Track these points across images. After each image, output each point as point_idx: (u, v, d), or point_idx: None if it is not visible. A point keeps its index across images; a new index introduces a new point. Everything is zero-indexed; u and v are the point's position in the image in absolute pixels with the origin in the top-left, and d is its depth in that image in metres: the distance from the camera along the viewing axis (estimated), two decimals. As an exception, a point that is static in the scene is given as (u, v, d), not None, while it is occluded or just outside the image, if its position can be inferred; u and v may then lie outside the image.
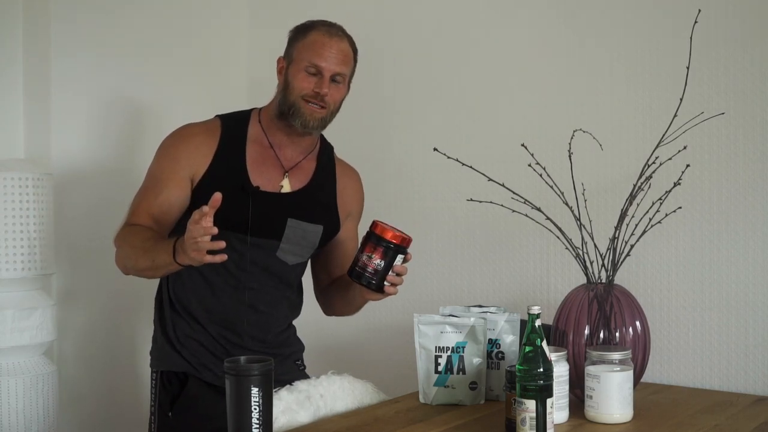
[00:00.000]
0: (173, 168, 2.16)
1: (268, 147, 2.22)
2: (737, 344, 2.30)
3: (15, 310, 2.97)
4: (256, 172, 2.18)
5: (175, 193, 2.15)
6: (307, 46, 2.16)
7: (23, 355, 3.00)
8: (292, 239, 2.20)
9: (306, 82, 2.14)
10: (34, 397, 3.00)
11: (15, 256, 2.97)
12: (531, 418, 1.72)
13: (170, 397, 2.21)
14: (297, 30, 2.22)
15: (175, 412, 2.19)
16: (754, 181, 2.28)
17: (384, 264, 2.01)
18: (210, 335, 2.20)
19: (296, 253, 2.23)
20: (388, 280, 2.02)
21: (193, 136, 2.21)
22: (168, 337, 2.23)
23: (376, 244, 2.00)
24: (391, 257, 2.01)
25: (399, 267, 2.03)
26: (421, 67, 2.77)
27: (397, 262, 2.02)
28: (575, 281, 2.27)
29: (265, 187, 2.17)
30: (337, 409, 2.09)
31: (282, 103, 2.18)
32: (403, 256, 2.03)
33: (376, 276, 2.01)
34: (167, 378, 2.22)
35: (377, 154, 2.84)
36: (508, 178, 2.33)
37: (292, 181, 2.23)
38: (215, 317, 2.19)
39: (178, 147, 2.19)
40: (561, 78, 2.54)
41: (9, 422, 2.94)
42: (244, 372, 1.69)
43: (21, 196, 2.99)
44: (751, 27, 2.28)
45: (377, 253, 2.00)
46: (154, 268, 2.05)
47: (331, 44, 2.16)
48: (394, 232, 2.01)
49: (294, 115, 2.16)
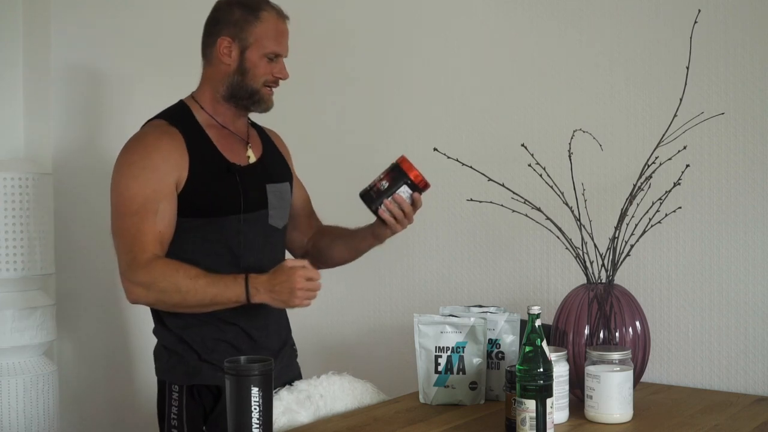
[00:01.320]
0: (158, 178, 2.08)
1: (221, 127, 2.22)
2: (737, 344, 2.30)
3: (15, 310, 2.97)
4: (227, 152, 2.19)
5: (170, 205, 2.10)
6: (264, 32, 2.16)
7: (23, 355, 3.01)
8: (276, 203, 2.24)
9: (267, 69, 2.17)
10: (34, 397, 3.00)
11: (15, 256, 2.98)
12: (531, 418, 1.72)
13: (202, 409, 2.14)
14: (243, 9, 2.16)
15: (210, 426, 2.13)
16: (754, 181, 2.28)
17: (387, 186, 2.10)
18: (240, 329, 2.16)
19: (282, 216, 2.27)
20: (385, 204, 2.10)
21: (158, 141, 2.12)
22: (194, 349, 2.15)
23: (390, 169, 2.12)
24: (396, 182, 2.10)
25: (399, 196, 2.10)
26: (421, 67, 2.77)
27: (402, 192, 2.10)
28: (575, 281, 2.27)
29: (241, 163, 2.20)
30: (337, 409, 2.09)
31: (238, 88, 2.17)
32: (410, 191, 2.11)
33: (378, 195, 2.11)
34: (197, 391, 2.15)
35: (377, 154, 2.84)
36: (508, 178, 2.33)
37: (254, 151, 2.27)
38: (239, 309, 2.11)
39: (152, 157, 2.09)
40: (561, 78, 2.54)
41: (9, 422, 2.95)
42: (244, 372, 1.69)
43: (21, 196, 3.00)
44: (751, 27, 2.28)
45: (387, 175, 2.12)
46: (212, 305, 2.06)
47: (284, 29, 2.20)
48: (410, 164, 2.11)
49: (257, 102, 2.19)
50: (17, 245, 2.99)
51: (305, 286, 1.98)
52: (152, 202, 2.07)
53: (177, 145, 2.12)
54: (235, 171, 2.16)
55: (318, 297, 2.48)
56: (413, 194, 2.13)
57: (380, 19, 2.85)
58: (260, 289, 2.02)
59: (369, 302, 2.85)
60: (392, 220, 2.13)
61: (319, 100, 2.88)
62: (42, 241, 3.05)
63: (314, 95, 2.89)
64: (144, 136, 2.16)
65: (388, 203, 2.11)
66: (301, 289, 1.98)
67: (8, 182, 2.98)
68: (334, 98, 2.92)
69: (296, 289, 1.98)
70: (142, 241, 2.06)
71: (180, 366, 2.16)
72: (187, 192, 2.11)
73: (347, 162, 2.84)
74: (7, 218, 2.97)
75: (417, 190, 2.13)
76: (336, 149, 2.87)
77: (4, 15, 3.30)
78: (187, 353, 2.15)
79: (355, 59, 2.90)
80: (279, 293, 2.00)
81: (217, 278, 2.04)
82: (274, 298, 2.01)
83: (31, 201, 3.03)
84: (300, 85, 2.50)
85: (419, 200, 2.14)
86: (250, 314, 2.14)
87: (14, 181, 2.99)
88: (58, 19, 3.34)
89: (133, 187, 2.09)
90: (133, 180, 2.09)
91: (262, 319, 2.19)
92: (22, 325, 2.99)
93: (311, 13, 2.31)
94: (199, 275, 2.04)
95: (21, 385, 2.97)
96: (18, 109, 3.36)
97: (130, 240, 2.07)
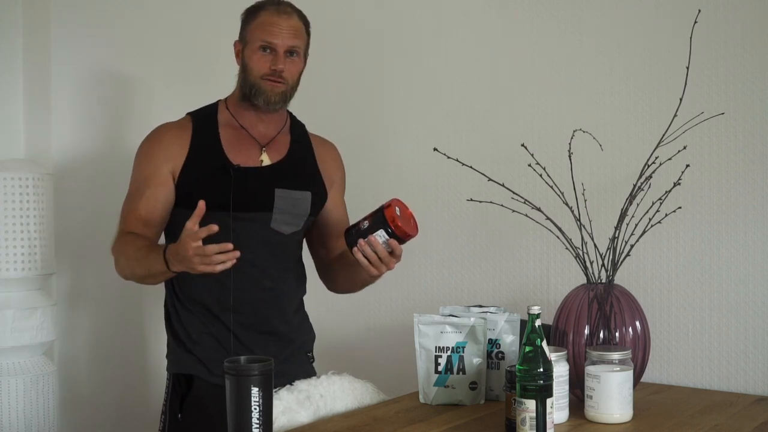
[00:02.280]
0: (152, 167, 2.23)
1: (239, 128, 2.28)
2: (737, 344, 2.30)
3: (15, 310, 2.97)
4: (233, 152, 2.24)
5: (159, 191, 2.21)
6: (258, 26, 2.23)
7: (23, 355, 3.00)
8: (283, 208, 2.25)
9: (262, 61, 2.21)
10: (34, 397, 3.00)
11: (15, 256, 2.98)
12: (531, 418, 1.72)
13: (180, 398, 2.24)
14: (247, 12, 2.28)
15: (184, 414, 2.22)
16: (754, 181, 2.28)
17: (367, 226, 2.06)
18: (224, 326, 2.22)
19: (290, 223, 2.27)
20: (359, 244, 2.06)
21: (165, 132, 2.28)
22: (180, 339, 2.25)
23: (374, 211, 2.07)
24: (375, 225, 2.05)
25: (374, 239, 2.05)
26: (421, 67, 2.77)
27: (378, 236, 2.05)
28: (575, 281, 2.27)
29: (246, 164, 2.23)
30: (337, 409, 2.09)
31: (243, 85, 2.26)
32: (387, 236, 2.04)
33: (356, 234, 2.07)
34: (177, 380, 2.25)
35: (377, 154, 2.84)
36: (508, 178, 2.33)
37: (271, 155, 2.28)
38: (226, 305, 2.21)
39: (153, 146, 2.26)
40: (561, 78, 2.54)
41: (9, 422, 2.95)
42: (244, 372, 1.69)
43: (21, 196, 2.99)
44: (751, 27, 2.28)
45: (370, 216, 2.07)
46: (151, 276, 2.15)
47: (280, 22, 2.22)
48: (394, 210, 2.05)
49: (256, 95, 2.23)
50: (17, 245, 2.99)
51: (197, 252, 1.94)
52: (143, 187, 2.22)
53: (180, 138, 2.25)
54: (231, 170, 2.19)
55: (318, 297, 2.49)
56: (389, 240, 2.04)
57: (380, 19, 2.85)
58: (172, 259, 2.04)
59: (369, 302, 2.85)
60: (365, 261, 2.07)
61: (319, 100, 2.88)
62: (42, 241, 3.05)
63: (314, 96, 2.89)
64: (159, 128, 2.32)
65: (363, 244, 2.05)
66: (194, 255, 1.95)
67: (8, 182, 2.98)
68: (334, 98, 2.92)
69: (189, 256, 1.96)
70: (126, 220, 2.23)
71: (170, 354, 2.29)
72: (181, 183, 2.22)
73: (347, 163, 2.83)
74: (7, 218, 2.97)
75: (396, 238, 2.05)
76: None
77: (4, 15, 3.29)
78: (175, 342, 2.27)
79: (355, 59, 2.90)
80: (183, 261, 1.99)
81: (152, 250, 2.13)
82: (185, 266, 2.00)
83: (31, 201, 3.03)
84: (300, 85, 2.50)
85: (397, 248, 2.06)
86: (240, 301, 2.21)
87: (14, 182, 2.99)
88: (58, 19, 3.34)
89: (134, 173, 2.28)
90: (136, 166, 2.28)
91: (247, 317, 2.24)
92: (22, 325, 2.99)
93: (311, 14, 2.31)
94: (144, 248, 2.14)
95: (21, 385, 2.97)
96: (18, 109, 3.36)
97: (121, 219, 2.25)
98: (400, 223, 2.04)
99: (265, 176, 2.25)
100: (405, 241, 2.08)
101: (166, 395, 2.29)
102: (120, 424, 3.31)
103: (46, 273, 3.10)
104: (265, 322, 2.25)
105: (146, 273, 2.14)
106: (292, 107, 2.35)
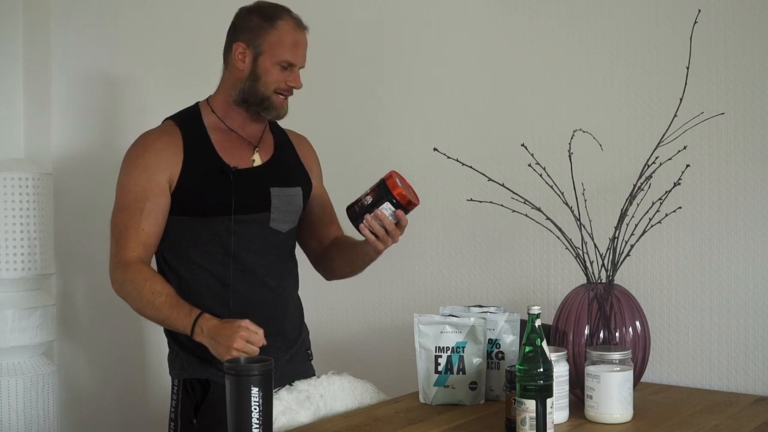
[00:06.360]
0: (147, 177, 2.16)
1: (228, 130, 2.26)
2: (737, 344, 2.30)
3: (15, 310, 2.97)
4: (227, 154, 2.22)
5: (158, 202, 2.17)
6: (279, 41, 2.19)
7: (23, 355, 3.01)
8: (280, 207, 2.25)
9: (280, 76, 2.20)
10: (33, 397, 3.00)
11: (15, 256, 2.98)
12: (531, 418, 1.72)
13: (194, 403, 2.21)
14: (260, 16, 2.22)
15: (199, 419, 2.19)
16: (754, 181, 2.28)
17: (371, 201, 2.06)
18: None
19: (287, 220, 2.28)
20: (366, 219, 2.07)
21: (156, 140, 2.21)
22: (185, 344, 2.20)
23: (376, 185, 2.08)
24: (379, 199, 2.06)
25: (381, 212, 2.06)
26: (421, 67, 2.77)
27: (384, 209, 2.06)
28: (575, 281, 2.27)
29: (241, 166, 2.22)
30: (337, 409, 2.09)
31: (249, 94, 2.22)
32: (393, 208, 2.06)
33: (361, 211, 2.08)
34: (190, 385, 2.22)
35: (377, 154, 2.84)
36: (508, 178, 2.33)
37: (261, 155, 2.28)
38: (234, 308, 2.18)
39: (145, 156, 2.19)
40: (561, 78, 2.54)
41: (9, 422, 2.95)
42: (244, 372, 1.69)
43: (21, 196, 3.00)
44: (751, 27, 2.28)
45: (372, 191, 2.08)
46: (162, 324, 2.15)
47: (301, 40, 2.22)
48: (396, 181, 2.06)
49: (267, 109, 2.22)
50: (17, 245, 3.00)
51: (241, 348, 1.98)
52: (140, 200, 2.16)
53: (173, 145, 2.20)
54: (229, 173, 2.19)
55: (318, 297, 2.49)
56: (396, 212, 2.07)
57: (380, 20, 2.85)
58: (204, 331, 2.04)
59: (369, 302, 2.85)
60: (372, 237, 2.09)
61: (319, 100, 2.88)
62: (42, 241, 3.05)
63: (314, 96, 2.89)
64: (145, 136, 2.25)
65: (370, 219, 2.07)
66: (236, 348, 1.98)
67: (8, 182, 2.98)
68: (334, 99, 2.92)
69: (232, 347, 1.98)
70: (126, 239, 2.15)
71: (176, 360, 2.24)
72: (178, 190, 2.18)
73: (347, 163, 2.83)
74: (7, 218, 2.97)
75: (401, 208, 2.07)
76: (336, 150, 2.86)
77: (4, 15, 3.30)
78: (180, 348, 2.23)
79: (355, 59, 2.90)
80: (218, 344, 2.01)
81: (175, 303, 2.10)
82: (212, 344, 2.04)
83: (31, 201, 3.03)
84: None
85: (403, 218, 2.09)
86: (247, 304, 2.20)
87: (14, 182, 2.99)
88: (58, 19, 3.34)
89: (127, 184, 2.19)
90: (128, 177, 2.20)
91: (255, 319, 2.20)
92: (22, 325, 2.99)
93: (311, 14, 2.31)
94: (162, 294, 2.11)
95: (21, 385, 2.97)
96: (18, 109, 3.37)
97: (118, 235, 2.17)
98: (405, 192, 2.06)
99: (260, 176, 2.25)
100: (409, 211, 2.10)
101: (173, 401, 2.24)
102: (120, 424, 3.31)
103: (45, 273, 3.10)
104: (273, 322, 2.23)
105: (159, 320, 2.14)
106: (292, 107, 2.35)
